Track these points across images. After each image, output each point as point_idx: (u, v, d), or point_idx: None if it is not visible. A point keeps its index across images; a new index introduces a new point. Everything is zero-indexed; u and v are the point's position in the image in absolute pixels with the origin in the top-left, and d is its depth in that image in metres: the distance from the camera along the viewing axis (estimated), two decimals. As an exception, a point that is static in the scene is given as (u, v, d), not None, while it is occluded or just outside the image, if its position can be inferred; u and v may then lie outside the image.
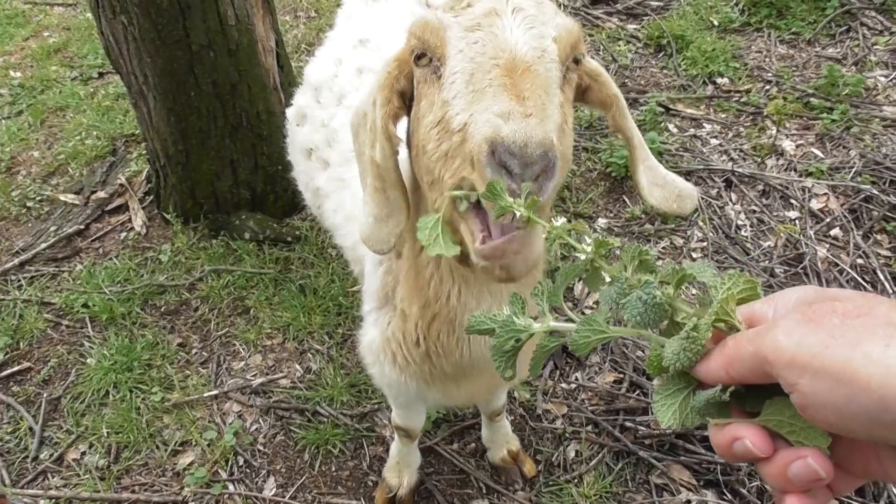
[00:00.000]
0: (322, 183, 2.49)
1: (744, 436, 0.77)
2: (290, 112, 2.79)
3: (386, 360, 1.93)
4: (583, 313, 3.36)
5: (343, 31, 2.78)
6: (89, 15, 6.36)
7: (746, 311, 0.83)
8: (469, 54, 1.24)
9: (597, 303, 3.53)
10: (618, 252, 0.99)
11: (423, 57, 1.33)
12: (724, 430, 0.79)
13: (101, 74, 5.81)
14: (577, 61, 1.38)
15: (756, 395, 0.79)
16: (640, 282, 0.89)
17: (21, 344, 3.54)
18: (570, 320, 0.93)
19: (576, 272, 0.98)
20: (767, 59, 5.19)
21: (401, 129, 1.52)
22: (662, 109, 4.72)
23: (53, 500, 2.88)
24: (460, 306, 1.61)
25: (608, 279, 0.93)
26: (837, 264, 3.60)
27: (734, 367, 0.77)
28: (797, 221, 3.90)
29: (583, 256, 0.95)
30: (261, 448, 3.06)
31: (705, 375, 0.81)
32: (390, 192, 1.51)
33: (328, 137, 2.45)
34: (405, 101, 1.50)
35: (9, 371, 3.42)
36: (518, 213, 1.01)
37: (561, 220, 0.99)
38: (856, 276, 3.52)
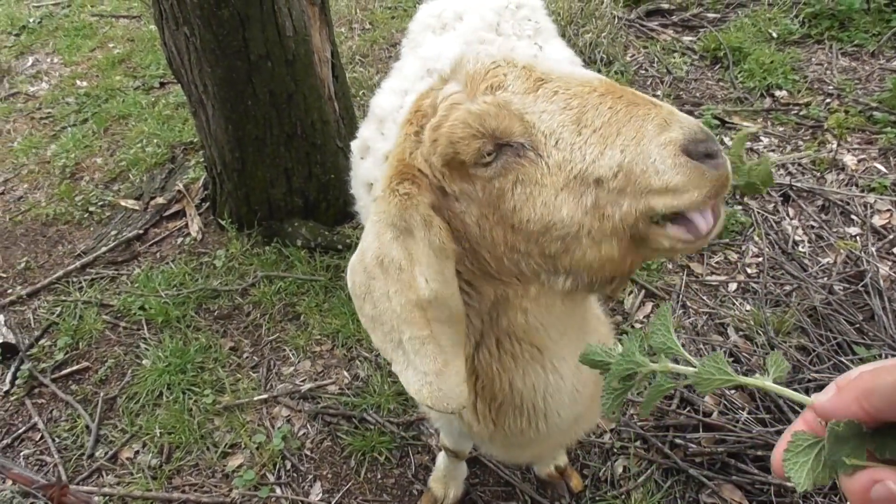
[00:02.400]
0: None
1: (884, 478, 0.70)
2: (354, 145, 2.68)
3: (454, 415, 1.77)
4: (632, 327, 3.29)
5: (410, 62, 2.68)
6: (153, 27, 6.57)
7: (843, 380, 0.76)
8: (557, 106, 1.17)
9: (647, 317, 3.48)
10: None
11: (492, 153, 1.21)
12: (860, 475, 0.72)
13: (162, 84, 5.99)
14: None
15: (890, 440, 0.73)
16: None
17: (80, 344, 3.65)
18: (689, 363, 0.90)
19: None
20: (828, 72, 5.06)
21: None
22: (718, 122, 4.63)
23: (107, 498, 2.95)
24: (527, 389, 1.51)
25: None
26: (901, 283, 3.48)
27: (871, 400, 0.71)
28: (858, 238, 3.78)
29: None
30: (308, 453, 3.09)
31: (834, 410, 0.74)
32: (447, 330, 1.31)
33: None
34: None
35: (68, 370, 3.53)
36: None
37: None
38: (920, 295, 3.39)
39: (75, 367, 3.54)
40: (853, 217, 3.91)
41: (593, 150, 1.14)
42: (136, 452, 3.15)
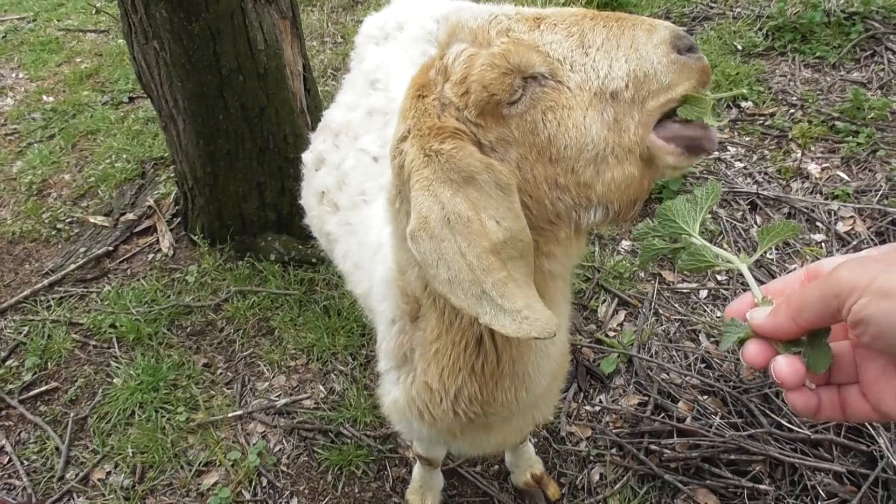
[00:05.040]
0: (332, 227, 2.44)
1: (777, 358, 0.92)
2: (306, 157, 2.77)
3: (413, 417, 1.82)
4: (606, 335, 3.32)
5: (356, 75, 2.76)
6: (121, 41, 6.52)
7: (815, 268, 0.98)
8: (561, 36, 1.29)
9: (620, 325, 3.51)
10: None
11: (521, 86, 1.28)
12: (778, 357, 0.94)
13: (131, 99, 5.94)
14: None
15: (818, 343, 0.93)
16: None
17: (49, 364, 3.59)
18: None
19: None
20: (792, 83, 5.17)
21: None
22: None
23: (79, 519, 2.90)
24: (537, 349, 1.61)
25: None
26: (866, 288, 3.55)
27: (802, 315, 0.88)
28: (823, 244, 3.86)
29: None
30: (284, 469, 3.06)
31: (775, 330, 0.92)
32: (520, 264, 1.32)
33: (339, 180, 2.41)
34: None
35: (37, 391, 3.46)
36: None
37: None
38: (885, 300, 3.47)
39: (44, 388, 3.47)
40: (818, 224, 3.99)
41: (603, 65, 1.27)
42: (108, 473, 3.10)
